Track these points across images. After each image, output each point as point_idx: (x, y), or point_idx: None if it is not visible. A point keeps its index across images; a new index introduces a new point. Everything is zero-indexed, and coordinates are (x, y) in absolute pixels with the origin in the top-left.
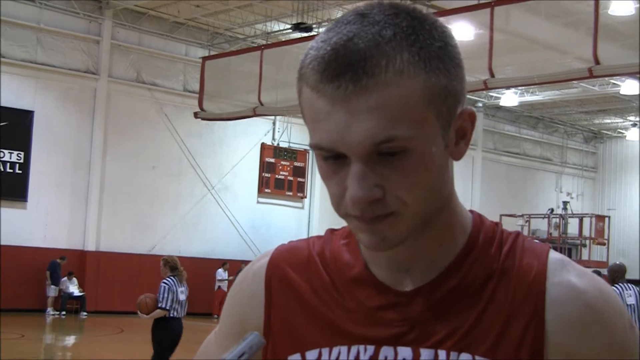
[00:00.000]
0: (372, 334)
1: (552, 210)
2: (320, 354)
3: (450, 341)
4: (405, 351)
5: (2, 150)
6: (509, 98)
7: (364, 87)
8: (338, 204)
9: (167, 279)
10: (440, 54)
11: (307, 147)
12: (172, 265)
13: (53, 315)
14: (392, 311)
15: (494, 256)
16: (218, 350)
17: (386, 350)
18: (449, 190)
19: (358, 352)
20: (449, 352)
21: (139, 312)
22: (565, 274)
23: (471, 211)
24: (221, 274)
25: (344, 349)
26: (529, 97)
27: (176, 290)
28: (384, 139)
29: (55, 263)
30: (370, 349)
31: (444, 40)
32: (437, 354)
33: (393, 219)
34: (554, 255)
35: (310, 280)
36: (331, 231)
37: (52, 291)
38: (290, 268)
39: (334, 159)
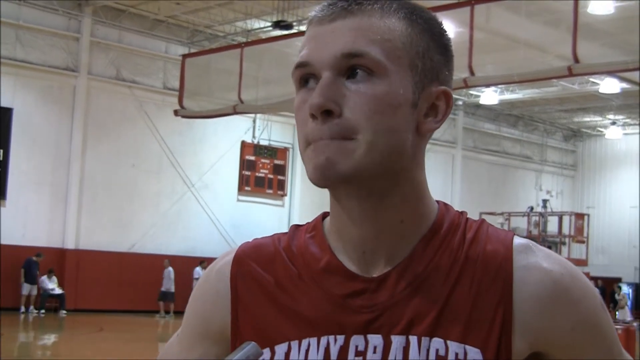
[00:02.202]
0: (341, 323)
1: (532, 208)
2: (289, 347)
3: (421, 326)
4: (375, 339)
5: None
6: (489, 96)
7: (350, 11)
8: (303, 131)
9: None
10: (430, 23)
11: (288, 145)
12: None
13: (24, 313)
14: (360, 298)
15: (458, 242)
16: (180, 353)
17: (356, 339)
18: (411, 162)
19: (328, 343)
20: (420, 338)
21: None
22: (531, 257)
23: (437, 201)
24: (199, 272)
25: (313, 340)
26: (508, 96)
27: None
28: (353, 52)
29: (30, 260)
30: (340, 338)
31: (435, 20)
32: (409, 340)
33: (346, 145)
34: (518, 240)
35: (277, 274)
36: (296, 227)
37: (25, 289)
38: (255, 264)
39: (306, 85)
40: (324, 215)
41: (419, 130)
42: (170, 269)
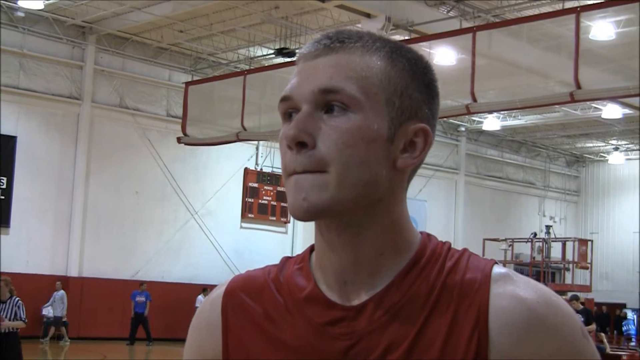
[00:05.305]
0: (321, 350)
1: (535, 234)
2: None
3: (396, 353)
4: None
5: None
6: (492, 122)
7: (333, 49)
8: (283, 161)
9: (17, 297)
10: (412, 62)
11: None
12: (11, 287)
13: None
14: (339, 326)
15: (437, 271)
16: None
17: None
18: (388, 195)
19: None
20: None
21: None
22: (508, 285)
23: (421, 232)
24: (201, 300)
25: None
26: (511, 122)
27: None
28: (329, 88)
29: None
30: None
31: (419, 60)
32: None
33: (320, 180)
34: (498, 268)
35: (265, 305)
36: (286, 258)
37: None
38: (245, 295)
39: (289, 119)
40: (312, 247)
41: (395, 165)
42: (62, 292)
